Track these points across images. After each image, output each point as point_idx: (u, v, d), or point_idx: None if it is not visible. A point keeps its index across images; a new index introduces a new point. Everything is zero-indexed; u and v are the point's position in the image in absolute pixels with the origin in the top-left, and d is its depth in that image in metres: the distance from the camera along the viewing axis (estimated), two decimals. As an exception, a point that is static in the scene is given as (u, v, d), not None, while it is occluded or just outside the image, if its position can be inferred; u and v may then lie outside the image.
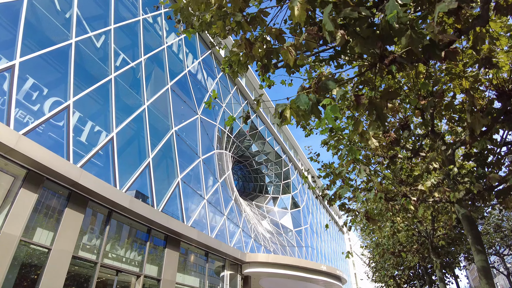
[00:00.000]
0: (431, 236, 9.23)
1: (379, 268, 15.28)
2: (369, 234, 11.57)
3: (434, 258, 9.08)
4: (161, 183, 13.07)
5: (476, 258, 4.95)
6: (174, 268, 12.31)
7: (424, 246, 11.04)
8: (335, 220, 46.79)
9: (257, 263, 16.90)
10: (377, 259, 14.51)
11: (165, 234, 12.37)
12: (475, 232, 5.01)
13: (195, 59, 18.41)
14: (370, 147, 4.48)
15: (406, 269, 13.37)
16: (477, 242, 4.94)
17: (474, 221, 5.10)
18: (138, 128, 12.77)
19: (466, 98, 4.99)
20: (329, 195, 6.10)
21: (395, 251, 12.06)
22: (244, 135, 24.67)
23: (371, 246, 14.03)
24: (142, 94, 13.35)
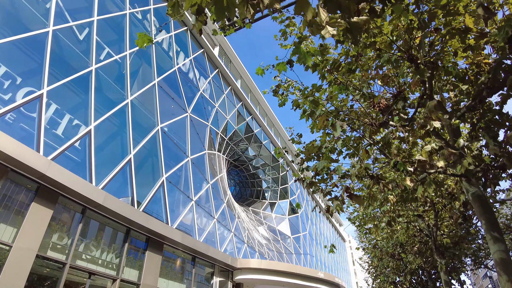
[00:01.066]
0: (434, 234, 8.28)
1: (379, 273, 14.17)
2: (365, 234, 10.62)
3: (438, 259, 8.11)
4: (143, 182, 12.35)
5: (492, 248, 3.97)
6: (155, 273, 11.44)
7: (426, 246, 10.06)
8: (335, 227, 45.35)
9: (249, 269, 15.91)
10: (376, 263, 13.43)
11: (146, 235, 11.57)
12: (489, 216, 4.05)
13: (186, 58, 18.00)
14: (324, 36, 3.73)
15: (408, 274, 12.31)
16: (493, 228, 3.97)
17: (488, 202, 4.18)
18: (120, 123, 12.18)
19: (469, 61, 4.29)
20: (308, 178, 5.35)
21: (395, 253, 11.07)
22: (239, 137, 24.02)
23: (369, 249, 13.03)
24: (126, 88, 12.83)
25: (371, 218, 8.04)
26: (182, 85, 16.62)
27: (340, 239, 46.96)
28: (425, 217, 8.15)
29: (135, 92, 13.23)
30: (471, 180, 4.07)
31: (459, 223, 8.46)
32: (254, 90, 26.83)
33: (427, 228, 8.56)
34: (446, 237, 8.47)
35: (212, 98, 19.91)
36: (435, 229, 8.20)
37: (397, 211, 7.88)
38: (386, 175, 6.02)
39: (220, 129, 20.62)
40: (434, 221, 7.89)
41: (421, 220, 8.30)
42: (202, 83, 19.12)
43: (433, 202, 7.73)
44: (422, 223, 8.31)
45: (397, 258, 11.41)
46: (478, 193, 4.13)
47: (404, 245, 10.64)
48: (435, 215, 7.86)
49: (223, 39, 22.66)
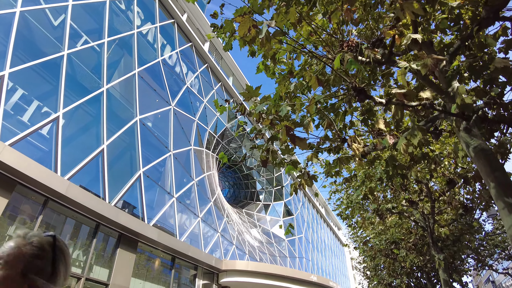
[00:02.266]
0: (430, 225, 7.30)
1: (373, 274, 13.06)
2: (354, 229, 9.61)
3: (436, 254, 7.12)
4: (117, 175, 11.59)
5: (506, 221, 2.76)
6: (128, 273, 10.56)
7: (423, 241, 9.03)
8: (334, 231, 44.06)
9: (235, 271, 14.94)
10: (368, 263, 12.37)
11: (119, 232, 10.74)
12: (500, 175, 2.86)
13: (172, 50, 17.43)
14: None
15: (404, 275, 11.23)
16: (506, 192, 2.78)
17: (495, 156, 3.07)
18: (94, 112, 11.50)
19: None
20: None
21: (388, 252, 10.07)
22: (230, 136, 23.28)
23: (360, 247, 12.02)
24: (102, 76, 12.18)
25: (358, 207, 7.17)
26: (167, 77, 15.99)
27: (338, 243, 45.57)
28: (420, 203, 7.24)
29: (112, 80, 12.58)
30: (471, 129, 3.12)
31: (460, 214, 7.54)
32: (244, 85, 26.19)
33: (423, 220, 7.60)
34: (445, 229, 7.50)
35: (200, 93, 19.27)
36: (432, 220, 7.27)
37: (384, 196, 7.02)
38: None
39: (209, 125, 19.91)
40: (431, 209, 6.97)
41: (414, 209, 7.36)
42: (189, 77, 18.51)
43: (429, 187, 6.87)
44: (417, 213, 7.37)
45: (391, 256, 10.35)
46: (482, 146, 3.02)
47: (398, 242, 9.67)
48: (431, 202, 6.95)
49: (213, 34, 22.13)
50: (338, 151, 4.22)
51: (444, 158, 6.06)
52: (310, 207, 36.13)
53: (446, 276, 6.98)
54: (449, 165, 6.55)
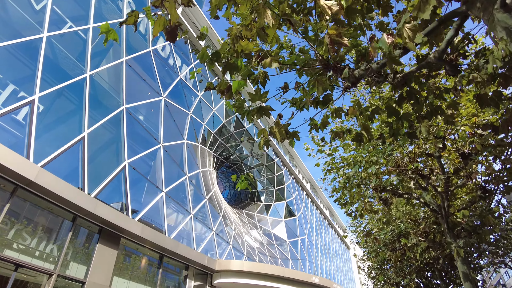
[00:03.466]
0: (444, 207, 6.09)
1: (378, 272, 11.78)
2: (355, 219, 8.37)
3: (453, 242, 6.03)
4: (99, 165, 10.85)
5: None
6: (108, 270, 9.71)
7: (435, 228, 7.76)
8: (339, 234, 42.51)
9: (230, 272, 13.95)
10: (373, 259, 11.12)
11: (99, 226, 9.94)
12: None
13: (165, 42, 16.85)
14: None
15: (414, 273, 9.94)
16: None
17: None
18: (76, 99, 10.84)
19: None
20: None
21: (395, 244, 8.88)
22: (228, 132, 22.49)
23: (362, 242, 10.86)
24: (86, 63, 11.57)
25: (356, 185, 6.17)
26: (158, 68, 15.36)
27: (344, 246, 43.93)
28: (431, 176, 6.08)
29: (97, 67, 11.95)
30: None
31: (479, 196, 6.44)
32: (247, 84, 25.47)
33: (434, 203, 6.43)
34: (464, 209, 6.25)
35: (195, 87, 18.60)
36: (446, 200, 6.08)
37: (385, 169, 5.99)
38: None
39: (205, 121, 19.17)
40: (444, 186, 5.83)
41: (424, 191, 6.26)
42: (183, 70, 17.87)
43: (440, 161, 5.78)
44: (427, 194, 6.26)
45: (398, 249, 9.08)
46: None
47: (407, 233, 8.47)
48: (445, 178, 5.82)
49: (212, 31, 21.60)
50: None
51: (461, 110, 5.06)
52: (314, 208, 34.90)
53: (466, 268, 5.82)
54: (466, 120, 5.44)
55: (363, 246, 11.29)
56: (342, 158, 6.75)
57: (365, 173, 6.18)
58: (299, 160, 32.92)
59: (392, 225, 8.67)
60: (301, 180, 32.40)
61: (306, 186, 33.55)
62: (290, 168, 29.77)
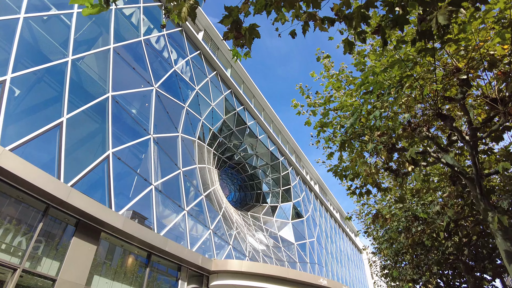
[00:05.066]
0: (477, 161, 4.54)
1: (391, 267, 10.08)
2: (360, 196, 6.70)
3: (490, 209, 4.43)
4: (79, 152, 10.04)
5: None
6: (84, 267, 8.72)
7: (462, 199, 6.13)
8: (350, 237, 40.23)
9: (227, 273, 12.71)
10: (385, 252, 9.43)
11: (76, 218, 9.02)
12: None
13: (159, 33, 16.26)
14: None
15: (434, 265, 8.25)
16: None
17: None
18: (55, 83, 10.17)
19: None
20: None
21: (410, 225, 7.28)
22: (229, 130, 21.54)
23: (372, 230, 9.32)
24: (68, 47, 10.96)
25: (357, 140, 4.86)
26: (150, 58, 14.69)
27: (355, 250, 41.50)
28: (456, 120, 4.51)
29: (81, 52, 11.33)
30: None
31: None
32: (248, 81, 24.67)
33: (459, 165, 4.88)
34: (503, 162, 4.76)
35: (192, 81, 17.86)
36: (475, 151, 4.54)
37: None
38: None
39: (203, 116, 18.32)
40: (472, 134, 4.31)
41: (445, 153, 4.79)
42: (179, 63, 17.19)
43: (464, 103, 4.27)
44: (450, 153, 4.81)
45: (414, 232, 7.43)
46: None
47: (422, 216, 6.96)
48: (472, 129, 4.35)
49: (208, 24, 21.05)
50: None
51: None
52: (323, 210, 33.15)
53: (510, 245, 4.37)
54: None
55: (371, 235, 9.80)
56: (339, 105, 5.47)
57: (365, 122, 4.86)
58: (306, 160, 31.52)
59: (406, 205, 7.29)
60: (309, 181, 30.92)
61: (314, 187, 32.00)
62: (296, 167, 28.41)
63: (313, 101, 5.81)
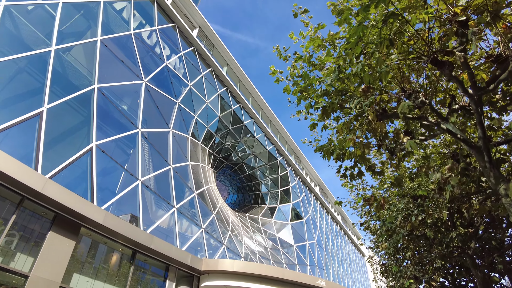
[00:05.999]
0: (481, 121, 3.97)
1: (391, 262, 9.21)
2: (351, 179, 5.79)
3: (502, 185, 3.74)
4: (60, 145, 9.61)
5: None
6: (61, 264, 8.18)
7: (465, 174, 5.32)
8: (352, 239, 39.15)
9: (219, 273, 12.07)
10: (383, 246, 8.56)
11: (55, 212, 8.52)
12: None
13: (151, 28, 15.99)
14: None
15: (438, 259, 7.41)
16: None
17: None
18: (36, 73, 9.81)
19: None
20: None
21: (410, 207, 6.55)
22: (225, 128, 21.08)
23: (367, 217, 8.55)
24: (52, 37, 10.64)
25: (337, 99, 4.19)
26: (140, 53, 14.37)
27: (358, 253, 40.35)
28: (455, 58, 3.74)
29: (66, 44, 11.01)
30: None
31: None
32: (245, 80, 24.31)
33: (462, 134, 4.21)
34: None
35: (185, 77, 17.51)
36: (480, 108, 3.85)
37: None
38: None
39: (197, 113, 17.91)
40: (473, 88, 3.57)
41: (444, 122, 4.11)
42: (171, 58, 16.87)
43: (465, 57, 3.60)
44: (451, 118, 4.08)
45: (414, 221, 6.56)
46: None
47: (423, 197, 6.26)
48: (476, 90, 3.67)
49: (203, 21, 20.82)
50: None
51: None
52: (324, 212, 32.32)
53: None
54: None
55: (368, 228, 9.07)
56: (320, 65, 4.90)
57: (348, 79, 4.27)
58: (306, 161, 30.88)
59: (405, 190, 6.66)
60: (309, 183, 30.22)
61: (315, 189, 31.27)
62: (295, 168, 27.78)
63: (291, 64, 5.27)
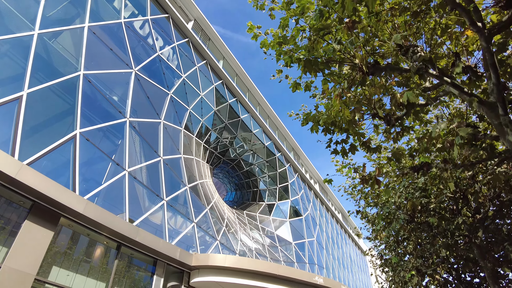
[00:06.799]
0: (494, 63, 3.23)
1: (392, 251, 8.47)
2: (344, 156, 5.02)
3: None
4: (42, 131, 9.17)
5: None
6: (37, 255, 7.71)
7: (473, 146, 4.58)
8: (352, 238, 38.42)
9: (210, 268, 11.54)
10: (381, 235, 7.64)
11: (32, 200, 8.06)
12: None
13: (144, 18, 15.59)
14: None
15: (443, 248, 6.61)
16: None
17: None
18: (17, 57, 9.40)
19: None
20: None
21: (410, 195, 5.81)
22: (221, 123, 20.61)
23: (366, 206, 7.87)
24: (36, 21, 10.23)
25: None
26: (131, 42, 13.95)
27: (359, 252, 39.58)
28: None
29: (50, 29, 10.60)
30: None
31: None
32: (242, 74, 23.85)
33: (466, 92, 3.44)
34: None
35: (179, 69, 17.07)
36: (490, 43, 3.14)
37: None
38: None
39: (191, 105, 17.45)
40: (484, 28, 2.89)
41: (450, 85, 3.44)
42: (164, 49, 16.45)
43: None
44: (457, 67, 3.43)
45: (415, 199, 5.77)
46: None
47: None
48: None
49: (199, 14, 20.41)
50: None
51: None
52: (324, 209, 31.68)
53: None
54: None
55: (366, 216, 8.39)
56: (299, 9, 4.27)
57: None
58: (305, 158, 30.31)
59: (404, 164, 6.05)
60: (309, 180, 29.64)
61: (314, 186, 30.66)
62: (294, 165, 27.21)
63: (269, 13, 4.72)
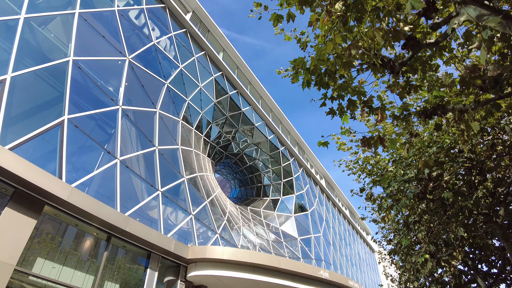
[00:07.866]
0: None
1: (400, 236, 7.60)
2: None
3: None
4: (26, 115, 8.78)
5: None
6: (17, 245, 7.27)
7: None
8: (361, 235, 37.27)
9: (207, 261, 10.96)
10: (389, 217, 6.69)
11: (14, 187, 7.64)
12: None
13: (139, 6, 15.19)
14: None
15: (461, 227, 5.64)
16: None
17: None
18: (2, 41, 9.04)
19: None
20: None
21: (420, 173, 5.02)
22: (222, 116, 20.08)
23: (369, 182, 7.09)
24: (23, 6, 9.89)
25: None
26: (124, 30, 13.55)
27: (368, 249, 38.39)
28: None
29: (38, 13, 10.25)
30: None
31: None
32: (243, 66, 23.29)
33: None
34: None
35: (176, 58, 16.62)
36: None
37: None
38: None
39: (189, 96, 16.97)
40: None
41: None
42: (160, 38, 16.02)
43: None
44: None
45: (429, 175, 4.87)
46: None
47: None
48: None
49: (198, 6, 19.96)
50: None
51: None
52: (330, 205, 30.78)
53: None
54: None
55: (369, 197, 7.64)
56: None
57: None
58: (310, 153, 29.50)
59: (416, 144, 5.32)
60: (314, 175, 28.82)
61: (320, 181, 29.83)
62: (299, 159, 26.46)
63: None
